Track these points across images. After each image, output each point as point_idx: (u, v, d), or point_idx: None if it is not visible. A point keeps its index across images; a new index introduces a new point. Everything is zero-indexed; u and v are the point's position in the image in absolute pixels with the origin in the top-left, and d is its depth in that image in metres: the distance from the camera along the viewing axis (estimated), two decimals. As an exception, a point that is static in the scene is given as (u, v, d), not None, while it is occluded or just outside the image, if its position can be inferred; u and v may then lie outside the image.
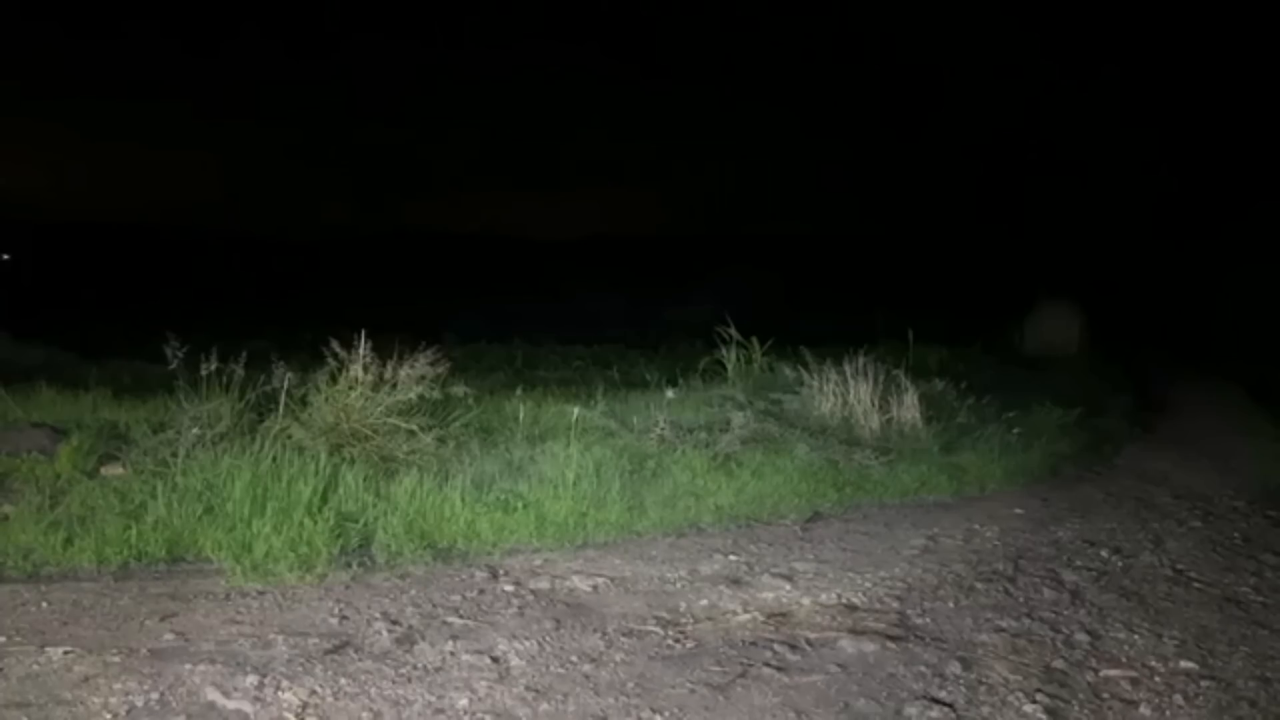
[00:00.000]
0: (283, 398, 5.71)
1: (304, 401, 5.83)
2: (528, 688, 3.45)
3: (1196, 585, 4.90)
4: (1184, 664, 3.87)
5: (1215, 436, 9.64)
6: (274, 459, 5.15)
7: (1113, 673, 3.78)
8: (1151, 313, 20.79)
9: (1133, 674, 3.77)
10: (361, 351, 5.86)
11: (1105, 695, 3.57)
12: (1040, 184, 26.10)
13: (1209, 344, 17.87)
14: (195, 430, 5.30)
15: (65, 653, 3.55)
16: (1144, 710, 3.46)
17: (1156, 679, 3.72)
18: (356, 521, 4.94)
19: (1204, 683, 3.70)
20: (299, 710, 3.20)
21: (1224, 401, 12.57)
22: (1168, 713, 3.45)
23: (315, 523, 4.76)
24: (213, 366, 5.64)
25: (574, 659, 3.73)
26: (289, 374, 5.79)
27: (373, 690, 3.36)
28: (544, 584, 4.58)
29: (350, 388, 5.74)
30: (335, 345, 5.92)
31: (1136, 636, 4.15)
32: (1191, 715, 3.44)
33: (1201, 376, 15.34)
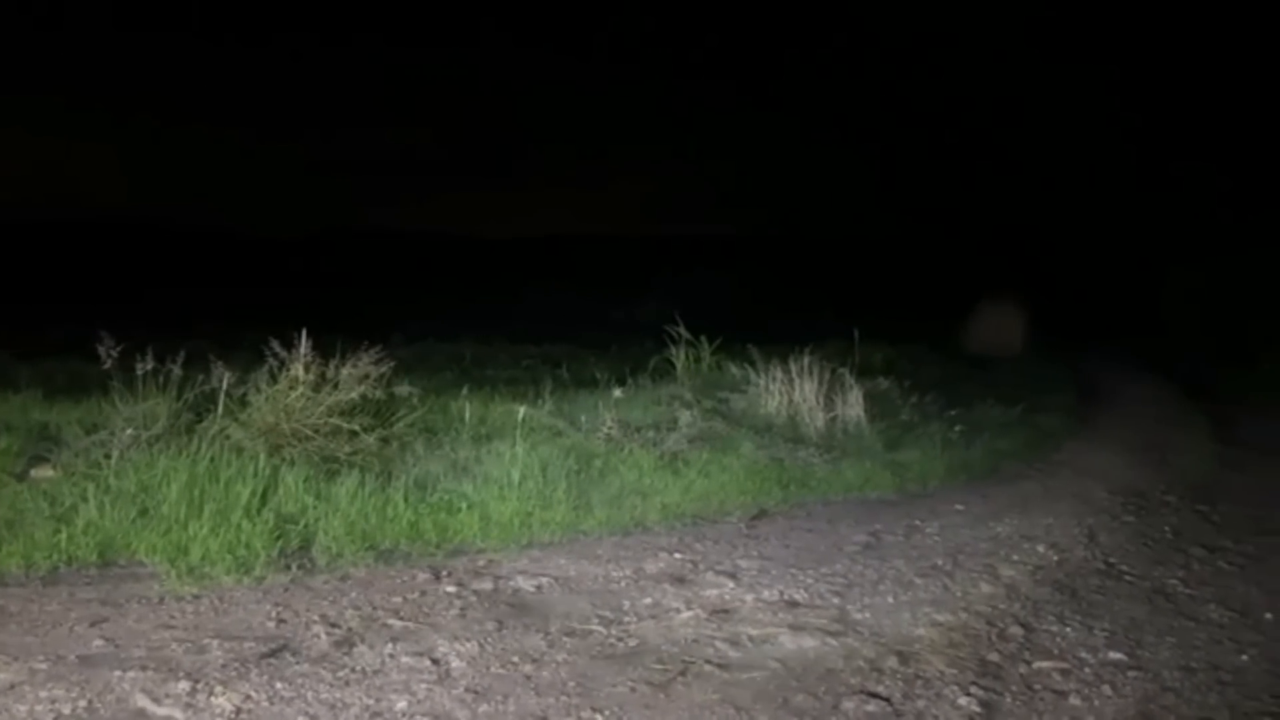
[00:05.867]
0: (221, 397, 5.61)
1: (244, 402, 5.73)
2: (468, 689, 3.44)
3: (1128, 578, 5.02)
4: (1113, 655, 3.97)
5: (1151, 433, 9.89)
6: (211, 460, 5.05)
7: (1045, 664, 3.86)
8: (1093, 313, 21.27)
9: (1064, 665, 3.85)
10: (302, 350, 5.78)
11: (1037, 686, 3.65)
12: (986, 185, 26.56)
13: (1147, 344, 18.31)
14: (130, 431, 5.18)
15: (-11, 661, 3.46)
16: (1074, 700, 3.55)
17: (1086, 670, 3.82)
18: (296, 523, 4.87)
19: (1131, 673, 3.80)
20: (232, 716, 3.14)
21: (1160, 399, 12.90)
22: (1096, 702, 3.54)
23: (254, 525, 4.68)
24: (149, 366, 5.52)
25: (515, 659, 3.72)
26: (228, 374, 5.70)
27: (309, 694, 3.32)
28: (487, 585, 4.56)
29: (291, 387, 5.66)
30: (276, 345, 5.84)
31: (1068, 629, 4.25)
32: (1118, 705, 3.52)
33: (1140, 375, 15.74)
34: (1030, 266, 22.75)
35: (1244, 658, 4.03)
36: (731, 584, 4.72)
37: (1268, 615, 4.54)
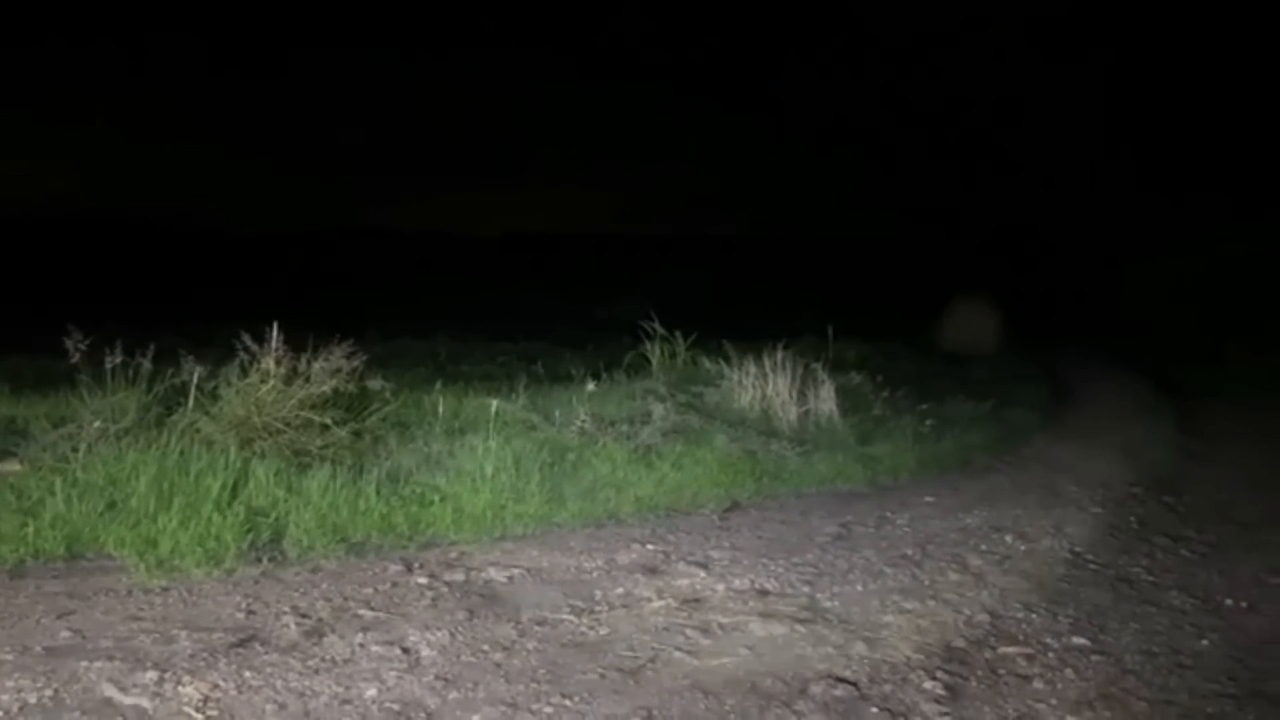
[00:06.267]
0: (192, 391, 5.58)
1: (214, 395, 5.70)
2: (438, 677, 3.45)
3: (1092, 567, 5.10)
4: (1076, 640, 4.04)
5: (1119, 427, 9.99)
6: (181, 453, 5.03)
7: (1010, 650, 3.92)
8: (1069, 310, 21.48)
9: (1029, 651, 3.92)
10: (274, 344, 5.75)
11: (1002, 671, 3.71)
12: (980, 185, 26.69)
13: (1121, 341, 18.51)
14: (98, 424, 5.14)
15: (-47, 652, 3.43)
16: (1037, 684, 3.61)
17: (1050, 655, 3.88)
18: (267, 516, 4.85)
19: (1094, 657, 3.87)
20: (200, 704, 3.14)
21: (1130, 394, 13.03)
22: (1059, 685, 3.60)
23: (224, 518, 4.66)
24: (118, 360, 5.49)
25: (486, 648, 3.73)
26: (199, 368, 5.67)
27: (278, 683, 3.32)
28: (459, 576, 4.57)
29: (262, 381, 5.63)
30: (247, 339, 5.82)
31: (1034, 616, 4.31)
32: (1080, 687, 3.59)
33: (1112, 371, 15.90)
34: (1011, 264, 22.92)
35: (1204, 642, 4.11)
36: (703, 574, 4.75)
37: (1228, 601, 4.63)
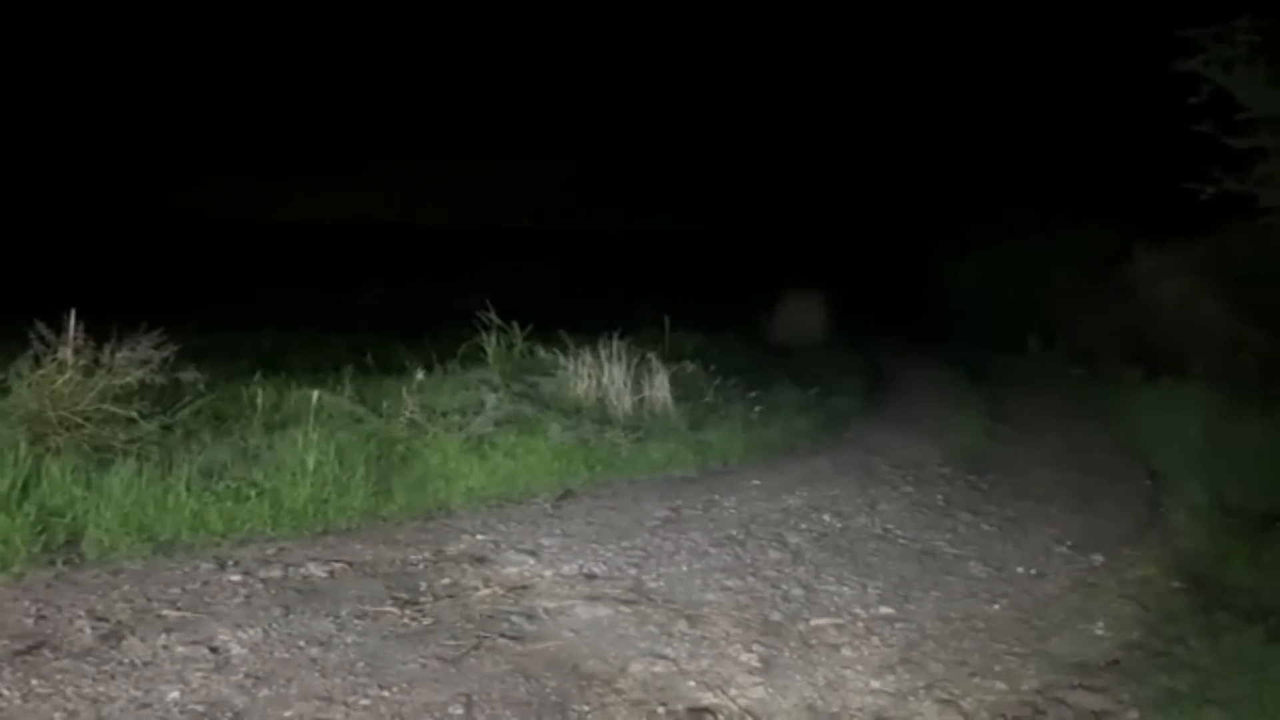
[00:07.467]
0: (-25, 385, 5.14)
1: (3, 389, 5.27)
2: (248, 675, 3.32)
3: (901, 542, 5.41)
4: (883, 610, 4.28)
5: (933, 412, 10.63)
6: (-38, 451, 4.63)
7: (822, 621, 4.12)
8: (888, 305, 22.62)
9: (839, 621, 4.13)
10: (72, 334, 5.36)
11: (813, 641, 3.90)
12: (795, 182, 27.58)
13: (936, 332, 19.66)
14: None
15: None
16: (845, 652, 3.81)
17: (859, 624, 4.10)
18: (63, 516, 4.53)
19: (898, 625, 4.12)
20: (-24, 717, 2.91)
21: (943, 382, 13.87)
22: (865, 652, 3.82)
23: (12, 519, 4.32)
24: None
25: (301, 644, 3.62)
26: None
27: (69, 689, 3.12)
28: (276, 572, 4.40)
29: (58, 372, 5.24)
30: (42, 327, 5.40)
31: (845, 588, 4.54)
32: (884, 653, 3.82)
33: (926, 361, 16.88)
34: (832, 261, 23.86)
35: (996, 607, 4.44)
36: (532, 561, 4.76)
37: (1019, 569, 5.02)
